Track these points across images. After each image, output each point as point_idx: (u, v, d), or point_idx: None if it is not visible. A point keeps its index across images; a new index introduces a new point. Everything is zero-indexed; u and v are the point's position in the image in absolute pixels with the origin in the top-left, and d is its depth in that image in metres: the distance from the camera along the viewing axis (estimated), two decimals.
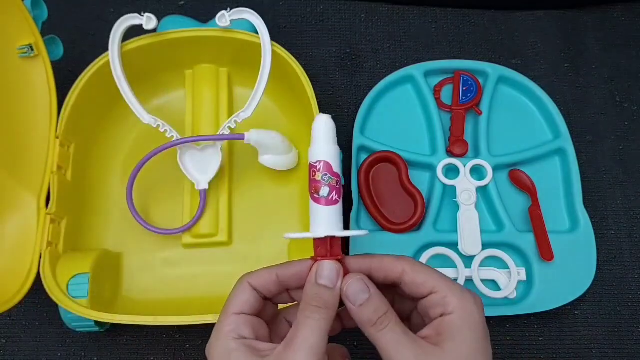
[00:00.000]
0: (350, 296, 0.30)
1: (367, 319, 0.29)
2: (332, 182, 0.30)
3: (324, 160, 0.31)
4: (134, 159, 0.48)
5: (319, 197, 0.30)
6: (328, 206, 0.30)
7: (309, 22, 0.59)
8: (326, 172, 0.30)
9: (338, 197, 0.31)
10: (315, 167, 0.31)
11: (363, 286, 0.30)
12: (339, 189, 0.31)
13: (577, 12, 0.60)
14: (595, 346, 0.49)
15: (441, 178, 0.51)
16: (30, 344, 0.48)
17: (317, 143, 0.31)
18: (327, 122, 0.32)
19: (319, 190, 0.30)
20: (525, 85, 0.54)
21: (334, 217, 0.31)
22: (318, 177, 0.30)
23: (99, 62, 0.47)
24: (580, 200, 0.50)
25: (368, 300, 0.29)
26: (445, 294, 0.29)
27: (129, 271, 0.49)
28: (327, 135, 0.32)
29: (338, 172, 0.31)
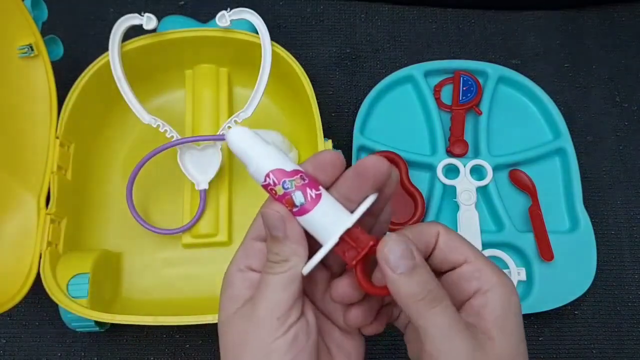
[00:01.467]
0: (390, 260, 0.23)
1: (412, 292, 0.23)
2: (297, 183, 0.25)
3: (269, 170, 0.25)
4: (134, 159, 0.48)
5: (299, 207, 0.25)
6: (316, 207, 0.25)
7: (309, 22, 0.59)
8: (283, 178, 0.25)
9: (316, 189, 0.25)
10: (268, 186, 0.25)
11: (406, 249, 0.24)
12: (310, 180, 0.25)
13: (577, 12, 0.60)
14: (595, 346, 0.49)
15: (441, 178, 0.51)
16: (30, 344, 0.48)
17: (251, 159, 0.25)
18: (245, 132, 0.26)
19: (293, 202, 0.25)
20: (525, 85, 0.54)
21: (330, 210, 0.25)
22: (280, 191, 0.25)
23: (99, 62, 0.47)
24: (580, 200, 0.50)
25: (414, 268, 0.23)
26: (479, 265, 0.25)
27: (129, 271, 0.49)
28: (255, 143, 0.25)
29: (294, 168, 0.25)
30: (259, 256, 0.26)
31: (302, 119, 0.50)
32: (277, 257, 0.25)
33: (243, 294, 0.26)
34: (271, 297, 0.25)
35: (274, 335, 0.24)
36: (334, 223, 0.25)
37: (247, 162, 0.26)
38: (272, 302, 0.25)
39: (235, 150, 0.26)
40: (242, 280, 0.26)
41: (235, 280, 0.26)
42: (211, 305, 0.45)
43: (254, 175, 0.26)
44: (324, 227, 0.25)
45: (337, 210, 0.25)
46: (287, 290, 0.25)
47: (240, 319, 0.25)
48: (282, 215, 0.25)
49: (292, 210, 0.25)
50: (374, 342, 0.48)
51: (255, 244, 0.27)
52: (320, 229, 0.25)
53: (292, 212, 0.25)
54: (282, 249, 0.25)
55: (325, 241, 0.25)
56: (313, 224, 0.25)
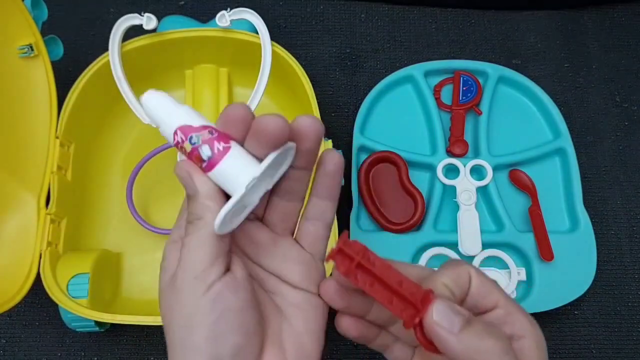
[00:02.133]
0: (442, 321, 0.22)
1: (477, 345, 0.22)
2: (204, 137, 0.24)
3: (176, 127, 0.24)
4: (134, 159, 0.48)
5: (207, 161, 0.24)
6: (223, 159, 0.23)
7: (309, 22, 0.59)
8: (190, 134, 0.24)
9: (225, 142, 0.24)
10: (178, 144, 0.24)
11: (452, 307, 0.23)
12: (218, 134, 0.24)
13: (577, 12, 0.60)
14: (595, 346, 0.49)
15: (441, 178, 0.51)
16: (30, 344, 0.48)
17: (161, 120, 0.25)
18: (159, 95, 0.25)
19: (201, 156, 0.24)
20: (525, 86, 0.54)
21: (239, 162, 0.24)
22: (188, 148, 0.24)
23: (99, 62, 0.47)
24: (580, 200, 0.50)
25: (468, 322, 0.22)
26: (510, 310, 0.24)
27: (129, 271, 0.49)
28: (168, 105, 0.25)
29: (202, 123, 0.24)
30: None
31: None
32: (191, 216, 0.24)
33: (173, 264, 0.25)
34: (187, 258, 0.24)
35: (194, 295, 0.23)
36: (244, 173, 0.23)
37: (158, 122, 0.25)
38: (188, 263, 0.24)
39: (149, 113, 0.25)
40: (172, 250, 0.26)
41: (167, 253, 0.26)
42: None
43: (166, 136, 0.25)
44: (235, 178, 0.24)
45: (247, 160, 0.24)
46: (202, 248, 0.24)
47: (167, 288, 0.25)
48: (189, 172, 0.24)
49: (202, 165, 0.24)
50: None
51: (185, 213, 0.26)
52: (230, 180, 0.24)
53: (202, 168, 0.24)
54: (194, 206, 0.24)
55: (235, 190, 0.23)
56: (223, 177, 0.24)
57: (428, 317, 0.23)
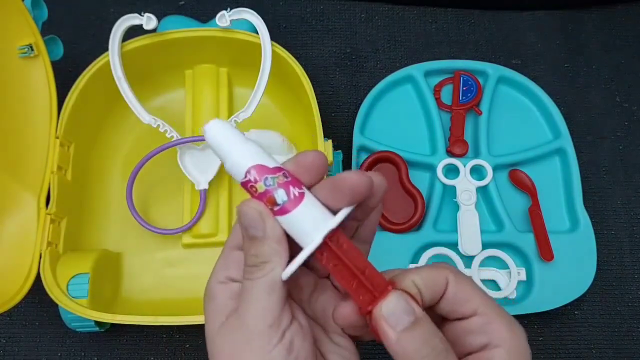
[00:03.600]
0: (388, 317, 0.22)
1: (415, 348, 0.22)
2: (279, 180, 0.23)
3: (250, 166, 0.23)
4: (134, 159, 0.48)
5: (281, 206, 0.23)
6: (298, 206, 0.23)
7: (309, 22, 0.59)
8: (265, 175, 0.23)
9: (299, 188, 0.23)
10: (248, 183, 0.23)
11: (405, 304, 0.23)
12: (292, 178, 0.23)
13: (577, 12, 0.60)
14: (595, 346, 0.49)
15: (441, 178, 0.51)
16: (30, 343, 0.48)
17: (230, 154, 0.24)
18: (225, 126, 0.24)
19: (275, 200, 0.23)
20: (526, 86, 0.54)
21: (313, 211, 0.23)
22: (261, 188, 0.23)
23: (99, 62, 0.47)
24: (580, 200, 0.50)
25: (415, 323, 0.22)
26: (490, 318, 0.24)
27: (129, 271, 0.49)
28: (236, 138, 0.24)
29: (276, 165, 0.23)
30: (239, 266, 0.25)
31: (302, 119, 0.50)
32: (255, 259, 0.23)
33: (226, 305, 0.24)
34: (257, 305, 0.23)
35: (269, 345, 0.23)
36: (317, 224, 0.23)
37: (224, 156, 0.24)
38: (259, 310, 0.23)
39: (213, 143, 0.24)
40: (223, 291, 0.25)
41: (217, 293, 0.25)
42: None
43: (231, 171, 0.24)
44: (306, 227, 0.23)
45: (319, 211, 0.23)
46: (272, 294, 0.23)
47: (229, 333, 0.24)
48: (261, 212, 0.23)
49: (273, 209, 0.23)
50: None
51: (234, 252, 0.25)
52: (301, 230, 0.23)
53: (273, 211, 0.23)
54: (261, 249, 0.23)
55: (307, 243, 0.23)
56: (294, 225, 0.23)
57: (377, 309, 0.23)
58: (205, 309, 0.25)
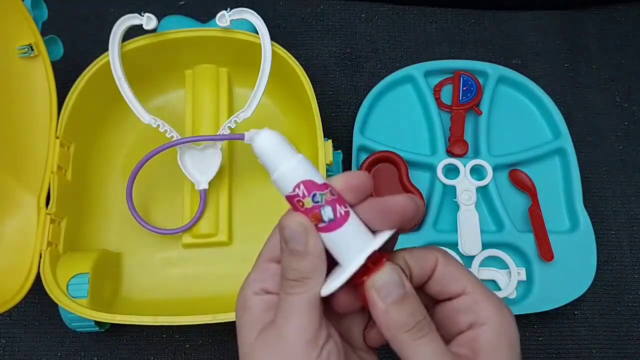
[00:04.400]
0: (379, 289, 0.23)
1: (401, 321, 0.23)
2: (327, 197, 0.23)
3: (300, 181, 0.23)
4: (134, 159, 0.48)
5: (327, 223, 0.23)
6: (344, 225, 0.23)
7: (309, 22, 0.59)
8: (314, 191, 0.23)
9: (345, 206, 0.23)
10: (296, 197, 0.23)
11: (397, 278, 0.23)
12: (338, 197, 0.24)
13: (578, 12, 0.60)
14: (595, 346, 0.49)
15: (441, 178, 0.51)
16: (30, 343, 0.48)
17: (280, 166, 0.24)
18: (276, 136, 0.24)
19: (321, 217, 0.23)
20: (525, 86, 0.54)
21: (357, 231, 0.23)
22: (309, 204, 0.23)
23: (99, 62, 0.47)
24: (580, 200, 0.50)
25: (403, 297, 0.23)
26: (478, 298, 0.24)
27: (129, 271, 0.49)
28: (284, 151, 0.24)
29: (324, 182, 0.24)
30: (275, 278, 0.25)
31: (302, 119, 0.50)
32: (296, 273, 0.24)
33: (262, 317, 0.24)
34: (298, 320, 0.23)
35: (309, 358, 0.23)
36: (360, 244, 0.23)
37: (273, 167, 0.24)
38: (300, 326, 0.23)
39: (261, 153, 0.24)
40: (259, 303, 0.25)
41: (252, 305, 0.25)
42: (211, 305, 0.45)
43: (279, 183, 0.24)
44: (349, 248, 0.23)
45: (363, 231, 0.24)
46: (313, 311, 0.23)
47: (267, 347, 0.24)
48: (306, 228, 0.23)
49: (317, 225, 0.23)
50: None
51: (270, 265, 0.25)
52: (344, 249, 0.23)
53: (317, 227, 0.24)
54: (303, 264, 0.23)
55: (348, 262, 0.23)
56: (337, 244, 0.23)
57: (370, 280, 0.23)
58: (240, 319, 0.25)
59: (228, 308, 0.39)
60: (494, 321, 0.24)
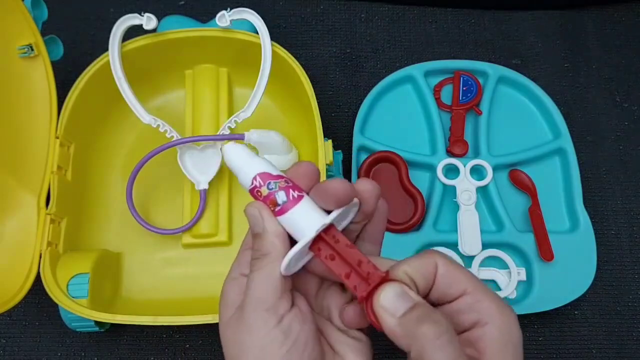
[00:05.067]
0: (387, 306, 0.23)
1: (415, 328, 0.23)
2: (280, 185, 0.26)
3: (256, 174, 0.26)
4: (134, 159, 0.48)
5: (281, 205, 0.26)
6: (296, 206, 0.26)
7: (309, 22, 0.59)
8: (268, 180, 0.26)
9: (299, 191, 0.26)
10: (255, 188, 0.27)
11: (401, 292, 0.24)
12: (293, 184, 0.26)
13: (578, 12, 0.60)
14: (595, 346, 0.49)
15: (441, 178, 0.51)
16: (30, 343, 0.48)
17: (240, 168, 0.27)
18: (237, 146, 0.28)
19: (276, 201, 0.26)
20: (525, 86, 0.54)
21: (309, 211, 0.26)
22: (265, 192, 0.26)
23: (99, 62, 0.47)
24: (580, 200, 0.50)
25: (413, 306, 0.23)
26: (478, 296, 0.24)
27: (129, 271, 0.49)
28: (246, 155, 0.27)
29: (278, 173, 0.27)
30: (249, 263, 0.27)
31: (302, 119, 0.50)
32: (257, 252, 0.26)
33: (234, 300, 0.26)
34: (257, 292, 0.25)
35: (266, 328, 0.24)
36: (313, 221, 0.25)
37: (237, 171, 0.27)
38: (257, 296, 0.25)
39: (228, 163, 0.28)
40: (233, 287, 0.27)
41: (228, 289, 0.27)
42: (211, 305, 0.45)
43: (243, 182, 0.27)
44: (303, 224, 0.25)
45: (315, 211, 0.26)
46: (270, 283, 0.25)
47: (233, 324, 0.25)
48: (261, 211, 0.26)
49: (274, 209, 0.26)
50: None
51: (247, 252, 0.27)
52: (298, 226, 0.26)
53: (274, 212, 0.26)
54: (261, 244, 0.26)
55: (302, 235, 0.25)
56: (293, 223, 0.26)
57: (375, 298, 0.24)
58: (219, 306, 0.27)
59: None
60: (497, 319, 0.24)
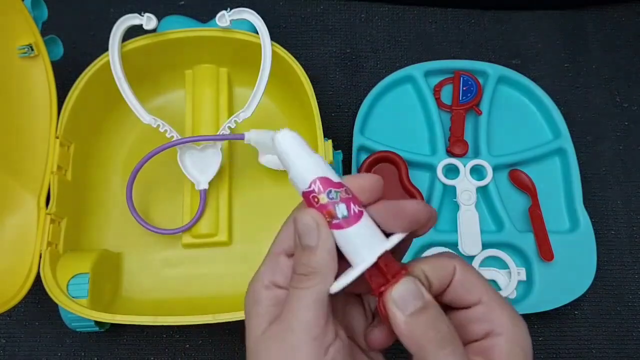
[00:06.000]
0: (397, 300, 0.23)
1: (422, 332, 0.22)
2: (342, 195, 0.23)
3: (317, 177, 0.24)
4: (134, 159, 0.48)
5: (340, 220, 0.23)
6: (357, 224, 0.23)
7: (309, 22, 0.59)
8: (329, 188, 0.24)
9: (359, 205, 0.24)
10: (311, 193, 0.24)
11: (414, 289, 0.23)
12: (353, 196, 0.24)
13: (577, 12, 0.60)
14: (595, 346, 0.49)
15: (441, 178, 0.51)
16: (30, 343, 0.48)
17: (297, 163, 0.24)
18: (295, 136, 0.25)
19: (335, 214, 0.23)
20: (525, 86, 0.54)
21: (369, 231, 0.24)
22: (323, 200, 0.24)
23: (99, 62, 0.47)
24: (580, 200, 0.50)
25: (424, 308, 0.23)
26: (492, 307, 0.24)
27: (129, 271, 0.49)
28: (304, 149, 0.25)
29: (340, 181, 0.24)
30: (285, 272, 0.25)
31: (302, 119, 0.50)
32: (305, 268, 0.23)
33: (270, 311, 0.24)
34: (304, 315, 0.23)
35: (313, 357, 0.23)
36: (372, 244, 0.23)
37: (291, 164, 0.25)
38: (305, 321, 0.23)
39: (281, 151, 0.25)
40: (268, 297, 0.25)
41: (262, 298, 0.25)
42: (212, 305, 0.45)
43: (295, 180, 0.24)
44: (361, 246, 0.23)
45: (375, 232, 0.24)
46: (319, 306, 0.23)
47: (272, 341, 0.23)
48: (318, 223, 0.23)
49: (331, 222, 0.24)
50: None
51: (280, 258, 0.25)
52: (355, 247, 0.24)
53: (330, 224, 0.24)
54: (313, 259, 0.23)
55: (358, 261, 0.24)
56: (349, 241, 0.24)
57: (388, 292, 0.23)
58: (248, 312, 0.25)
59: (228, 308, 0.39)
60: (510, 331, 0.24)
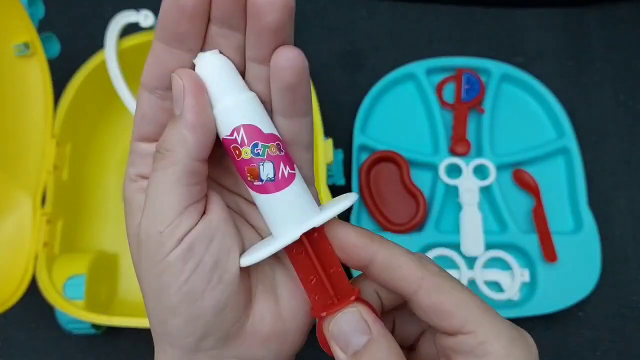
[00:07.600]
0: (337, 337, 0.20)
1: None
2: (271, 151, 0.19)
3: (242, 124, 0.19)
4: None
5: (262, 183, 0.19)
6: (285, 189, 0.19)
7: (310, 20, 0.59)
8: (256, 140, 0.19)
9: (292, 168, 0.20)
10: (233, 142, 0.19)
11: (358, 323, 0.20)
12: (286, 154, 0.20)
13: (582, 10, 0.59)
14: (599, 348, 0.48)
15: (443, 178, 0.50)
16: (26, 346, 0.48)
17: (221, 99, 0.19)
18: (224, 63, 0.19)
19: (257, 174, 0.19)
20: (529, 84, 0.54)
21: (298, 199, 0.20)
22: (247, 155, 0.19)
23: (96, 61, 0.47)
24: (584, 200, 0.49)
25: (369, 345, 0.19)
26: (484, 337, 0.19)
27: (126, 273, 0.48)
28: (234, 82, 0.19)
29: (273, 132, 0.19)
30: (147, 160, 0.21)
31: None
32: (161, 144, 0.20)
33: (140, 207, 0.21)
34: (153, 205, 0.20)
35: (161, 252, 0.19)
36: (300, 216, 0.20)
37: (214, 99, 0.20)
38: (153, 212, 0.20)
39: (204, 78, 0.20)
40: (136, 191, 0.21)
41: (132, 194, 0.21)
42: None
43: (218, 118, 0.20)
44: (285, 217, 0.20)
45: (307, 201, 0.20)
46: (171, 192, 0.19)
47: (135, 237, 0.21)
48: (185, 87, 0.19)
49: (252, 182, 0.20)
50: None
51: (140, 145, 0.21)
52: (279, 217, 0.20)
53: (250, 184, 0.20)
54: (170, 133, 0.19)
55: (280, 234, 0.20)
56: (273, 209, 0.20)
57: (325, 324, 0.20)
58: (125, 214, 0.22)
59: None
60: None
